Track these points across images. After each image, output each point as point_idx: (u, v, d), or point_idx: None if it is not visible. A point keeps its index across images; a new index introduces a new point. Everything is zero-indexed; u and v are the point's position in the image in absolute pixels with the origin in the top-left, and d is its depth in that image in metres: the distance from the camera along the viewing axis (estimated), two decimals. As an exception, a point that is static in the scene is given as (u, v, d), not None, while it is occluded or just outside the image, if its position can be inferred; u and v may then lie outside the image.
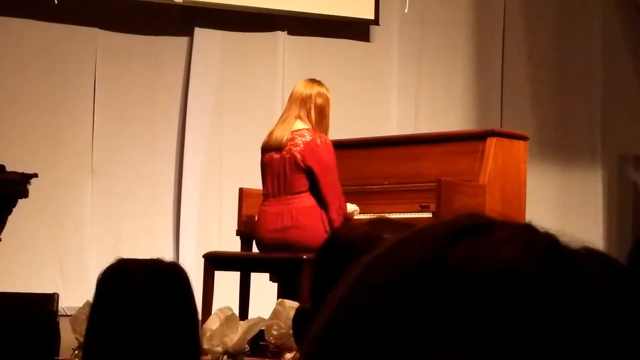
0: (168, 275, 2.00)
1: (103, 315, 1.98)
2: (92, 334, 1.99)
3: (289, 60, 7.62)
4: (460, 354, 0.49)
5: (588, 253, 0.54)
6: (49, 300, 3.98)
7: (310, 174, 4.88)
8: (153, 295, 1.95)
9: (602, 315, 0.51)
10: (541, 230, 0.55)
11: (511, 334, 0.50)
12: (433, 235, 0.54)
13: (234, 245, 5.56)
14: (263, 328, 4.42)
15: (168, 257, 2.14)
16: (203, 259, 5.07)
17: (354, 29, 7.78)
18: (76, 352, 4.20)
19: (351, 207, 5.06)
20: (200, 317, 2.08)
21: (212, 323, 4.30)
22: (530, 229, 0.55)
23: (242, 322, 4.48)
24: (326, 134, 4.98)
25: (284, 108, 5.21)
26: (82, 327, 4.20)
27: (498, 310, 0.50)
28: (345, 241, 1.58)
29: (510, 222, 0.55)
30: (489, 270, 0.51)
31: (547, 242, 0.53)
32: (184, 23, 7.45)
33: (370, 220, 1.66)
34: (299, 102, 4.97)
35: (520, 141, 5.40)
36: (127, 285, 1.97)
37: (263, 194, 5.06)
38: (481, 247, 0.52)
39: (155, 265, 2.01)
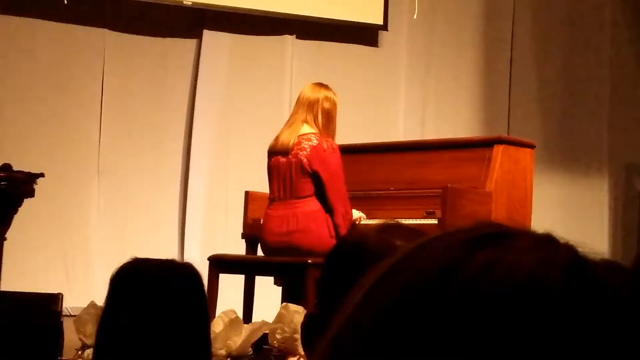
0: (183, 275, 2.01)
1: (116, 314, 1.98)
2: (104, 332, 1.99)
3: (297, 64, 7.62)
4: None
5: (608, 265, 0.54)
6: (53, 300, 3.99)
7: (316, 178, 4.87)
8: (167, 295, 1.95)
9: (624, 328, 0.51)
10: (561, 241, 0.55)
11: (531, 345, 0.50)
12: (453, 242, 0.54)
13: (239, 248, 5.56)
14: (267, 332, 4.42)
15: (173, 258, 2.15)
16: (208, 262, 5.07)
17: (363, 34, 7.79)
18: (79, 352, 4.21)
19: (356, 214, 5.05)
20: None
21: (216, 326, 4.30)
22: (550, 239, 0.55)
23: (245, 325, 4.48)
24: (333, 138, 4.97)
25: (291, 112, 5.21)
26: (86, 327, 4.21)
27: (518, 321, 0.50)
28: (355, 248, 1.57)
29: (530, 231, 0.55)
30: (510, 280, 0.51)
31: (568, 254, 0.53)
32: (192, 25, 7.46)
33: (380, 226, 1.65)
34: (306, 106, 4.96)
35: (527, 149, 5.39)
36: (142, 285, 1.97)
37: (269, 198, 5.06)
38: (502, 256, 0.52)
39: (170, 266, 2.02)
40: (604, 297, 0.51)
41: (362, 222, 5.06)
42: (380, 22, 7.68)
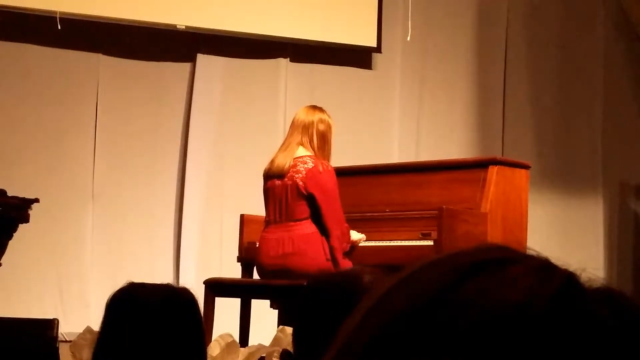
0: (179, 300, 2.00)
1: (112, 339, 1.97)
2: (99, 358, 1.98)
3: (291, 87, 7.63)
4: None
5: (604, 296, 0.53)
6: (49, 326, 3.97)
7: (312, 200, 4.87)
8: (163, 320, 1.95)
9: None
10: (559, 267, 0.54)
11: None
12: (447, 269, 0.54)
13: (234, 271, 5.55)
14: (263, 355, 4.40)
15: (168, 282, 2.14)
16: (203, 285, 5.06)
17: (356, 57, 7.81)
18: (75, 378, 4.18)
19: (356, 236, 5.04)
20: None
21: (213, 350, 4.29)
22: (545, 267, 0.54)
23: (242, 348, 4.46)
24: (328, 160, 4.98)
25: (286, 135, 5.21)
26: (82, 352, 4.19)
27: (499, 352, 0.50)
28: (324, 290, 1.59)
29: (526, 257, 0.55)
30: (495, 310, 0.51)
31: (559, 285, 0.52)
32: (186, 49, 7.47)
33: (346, 270, 1.69)
34: (300, 128, 4.97)
35: (522, 169, 5.40)
36: (137, 309, 1.96)
37: (265, 221, 5.06)
38: (491, 286, 0.52)
39: (166, 290, 2.01)
40: (588, 329, 0.51)
41: (361, 244, 5.06)
42: (374, 44, 7.70)
